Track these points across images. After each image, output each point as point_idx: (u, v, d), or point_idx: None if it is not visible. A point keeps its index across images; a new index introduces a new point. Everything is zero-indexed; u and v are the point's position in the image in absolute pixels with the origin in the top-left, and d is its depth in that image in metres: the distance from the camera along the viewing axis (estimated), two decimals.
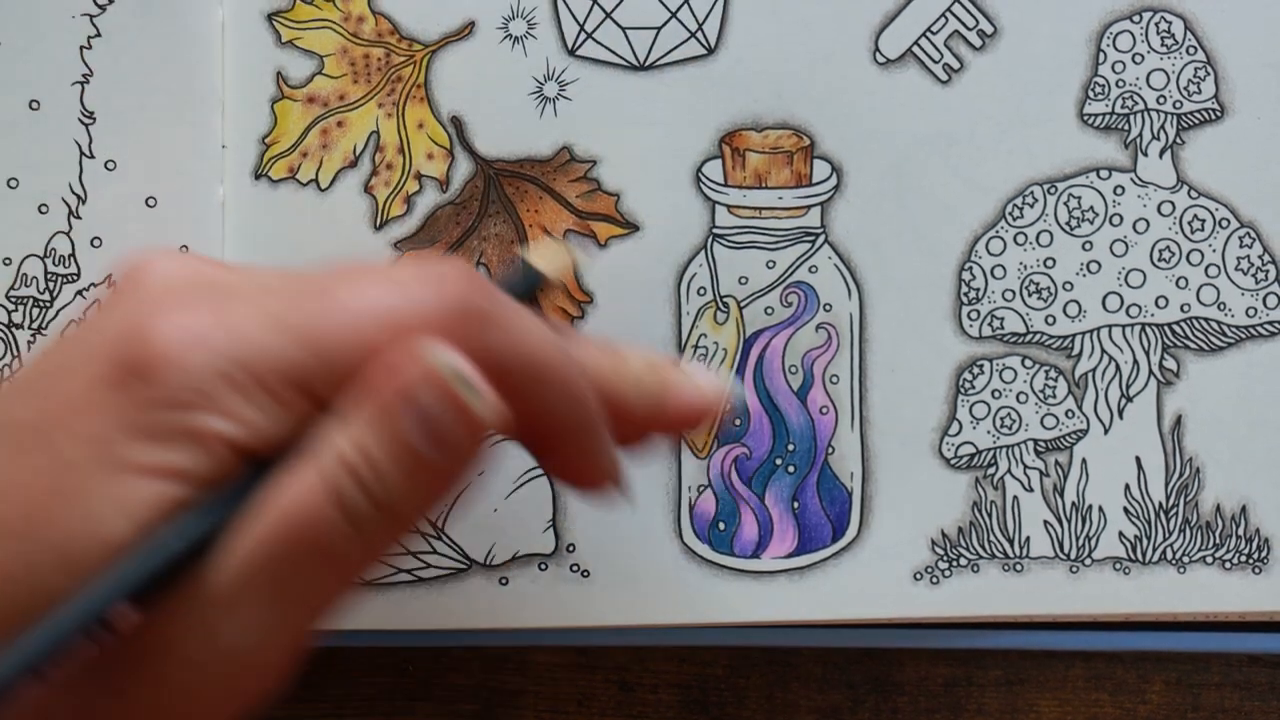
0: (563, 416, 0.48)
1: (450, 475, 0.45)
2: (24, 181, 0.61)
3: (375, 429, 0.44)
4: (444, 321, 0.45)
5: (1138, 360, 0.63)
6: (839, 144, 0.62)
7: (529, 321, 0.47)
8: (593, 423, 0.48)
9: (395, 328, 0.45)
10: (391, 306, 0.45)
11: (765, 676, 0.65)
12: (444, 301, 0.46)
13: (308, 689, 0.64)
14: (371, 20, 0.62)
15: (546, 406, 0.47)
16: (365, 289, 0.46)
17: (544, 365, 0.47)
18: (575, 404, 0.48)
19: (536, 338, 0.47)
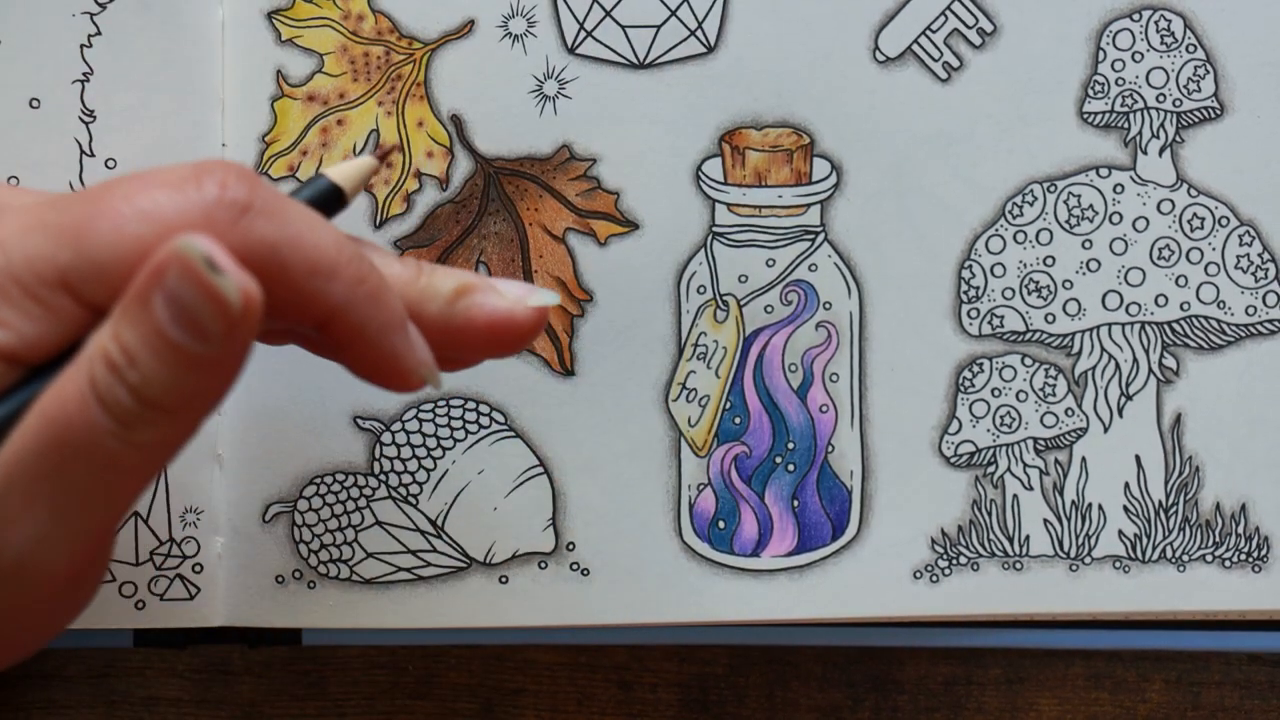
0: (356, 312, 0.47)
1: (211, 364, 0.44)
2: (24, 180, 0.61)
3: (130, 319, 0.44)
4: (208, 213, 0.45)
5: (1137, 358, 0.63)
6: (839, 142, 0.62)
7: (307, 217, 0.46)
8: (390, 318, 0.48)
9: (161, 224, 0.45)
10: (155, 204, 0.45)
11: (765, 675, 0.65)
12: (201, 192, 0.45)
13: (308, 687, 0.64)
14: (371, 18, 0.62)
15: (335, 301, 0.46)
16: (131, 189, 0.45)
17: (324, 258, 0.46)
18: (368, 299, 0.47)
19: (314, 231, 0.46)
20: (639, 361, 0.63)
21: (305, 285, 0.46)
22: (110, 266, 0.45)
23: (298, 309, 0.46)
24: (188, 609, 0.62)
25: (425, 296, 0.50)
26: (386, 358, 0.48)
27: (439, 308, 0.50)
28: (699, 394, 0.63)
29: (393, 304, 0.48)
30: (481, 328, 0.51)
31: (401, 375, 0.49)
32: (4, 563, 0.45)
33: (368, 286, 0.47)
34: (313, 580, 0.63)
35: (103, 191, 0.46)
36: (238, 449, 0.62)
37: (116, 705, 0.64)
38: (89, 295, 0.45)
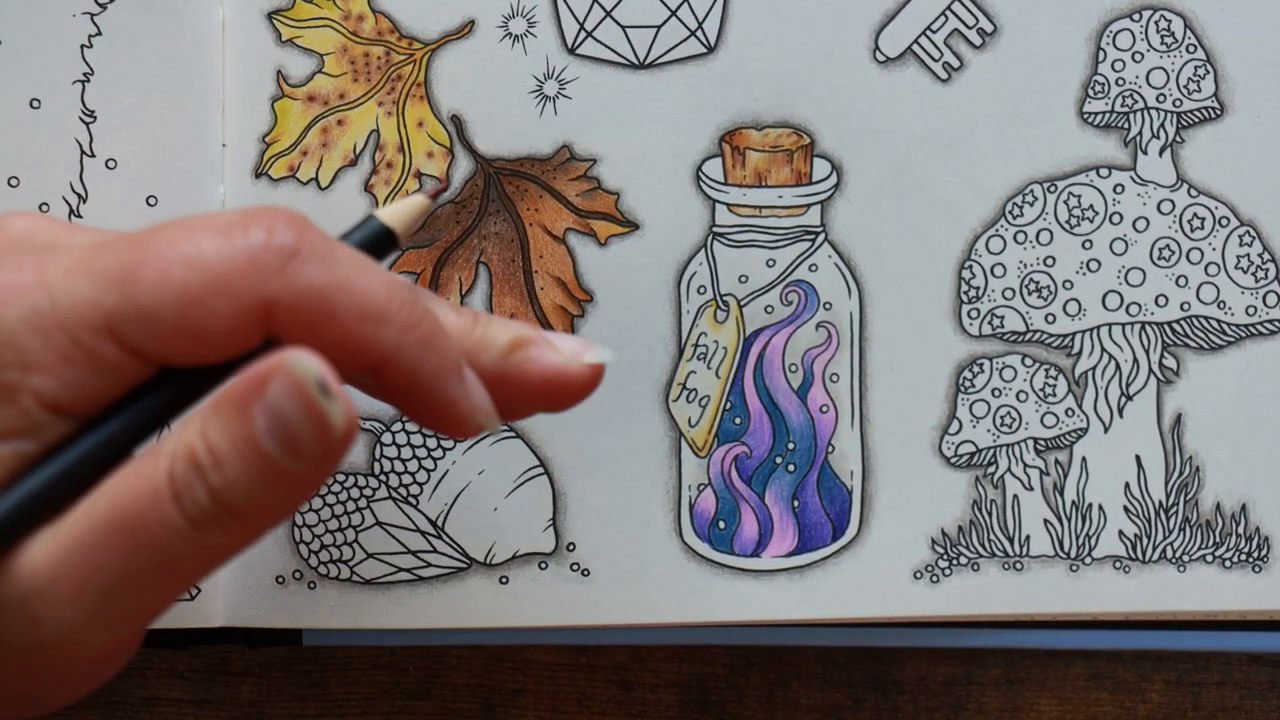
0: (409, 358, 0.46)
1: (298, 482, 0.44)
2: (25, 180, 0.61)
3: (223, 422, 0.44)
4: (254, 259, 0.44)
5: (1137, 359, 0.63)
6: (839, 142, 0.62)
7: (356, 261, 0.46)
8: (444, 363, 0.47)
9: (207, 270, 0.44)
10: (201, 251, 0.44)
11: (765, 675, 0.65)
12: (248, 240, 0.45)
13: (308, 688, 0.64)
14: (371, 19, 0.62)
15: (387, 347, 0.46)
16: (178, 236, 0.45)
17: (374, 303, 0.45)
18: (421, 344, 0.46)
19: (363, 275, 0.46)
20: (639, 361, 0.63)
21: (356, 331, 0.45)
22: (156, 313, 0.44)
23: (349, 355, 0.46)
24: (188, 609, 0.62)
25: (480, 347, 0.49)
26: (442, 403, 0.47)
27: (493, 360, 0.49)
28: (699, 394, 0.63)
29: (447, 349, 0.47)
30: (535, 382, 0.50)
31: (458, 421, 0.48)
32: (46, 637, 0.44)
33: (420, 331, 0.46)
34: (313, 580, 0.63)
35: (150, 236, 0.45)
36: None
37: (116, 705, 0.64)
38: (134, 342, 0.44)
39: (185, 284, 0.44)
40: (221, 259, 0.44)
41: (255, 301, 0.44)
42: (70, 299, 0.44)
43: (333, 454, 0.44)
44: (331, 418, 0.43)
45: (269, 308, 0.45)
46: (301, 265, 0.45)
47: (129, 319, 0.44)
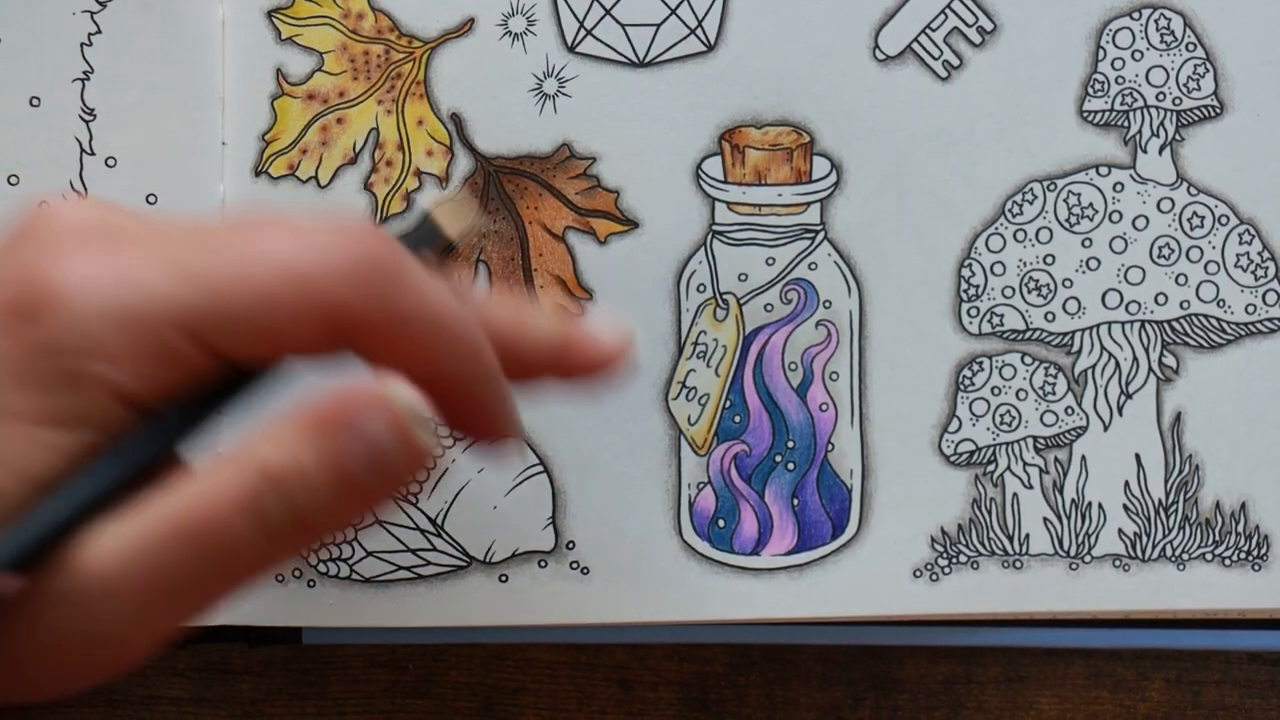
0: (464, 373, 0.47)
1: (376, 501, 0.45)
2: (25, 178, 0.61)
3: (314, 444, 0.44)
4: (346, 276, 0.45)
5: (1137, 357, 0.63)
6: (839, 141, 0.62)
7: (431, 280, 0.46)
8: (492, 379, 0.48)
9: (296, 279, 0.44)
10: (293, 257, 0.45)
11: (765, 674, 0.65)
12: (347, 256, 0.45)
13: (308, 686, 0.64)
14: (371, 17, 0.62)
15: (447, 363, 0.47)
16: (267, 239, 0.45)
17: (445, 324, 0.46)
18: (475, 361, 0.47)
19: (438, 297, 0.46)
20: (639, 360, 0.63)
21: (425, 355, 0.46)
22: (241, 317, 0.44)
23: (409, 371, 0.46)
24: None
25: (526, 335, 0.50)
26: (482, 414, 0.48)
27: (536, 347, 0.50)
28: (699, 392, 0.63)
29: (494, 366, 0.48)
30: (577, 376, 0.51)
31: (494, 429, 0.49)
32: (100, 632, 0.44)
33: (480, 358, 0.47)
34: (312, 579, 0.63)
35: (237, 237, 0.45)
36: None
37: (116, 705, 0.64)
38: (213, 342, 0.44)
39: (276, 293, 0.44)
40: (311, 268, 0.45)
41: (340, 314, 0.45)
42: (149, 293, 0.44)
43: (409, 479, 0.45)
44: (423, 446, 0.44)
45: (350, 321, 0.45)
46: (391, 287, 0.45)
47: (213, 320, 0.44)
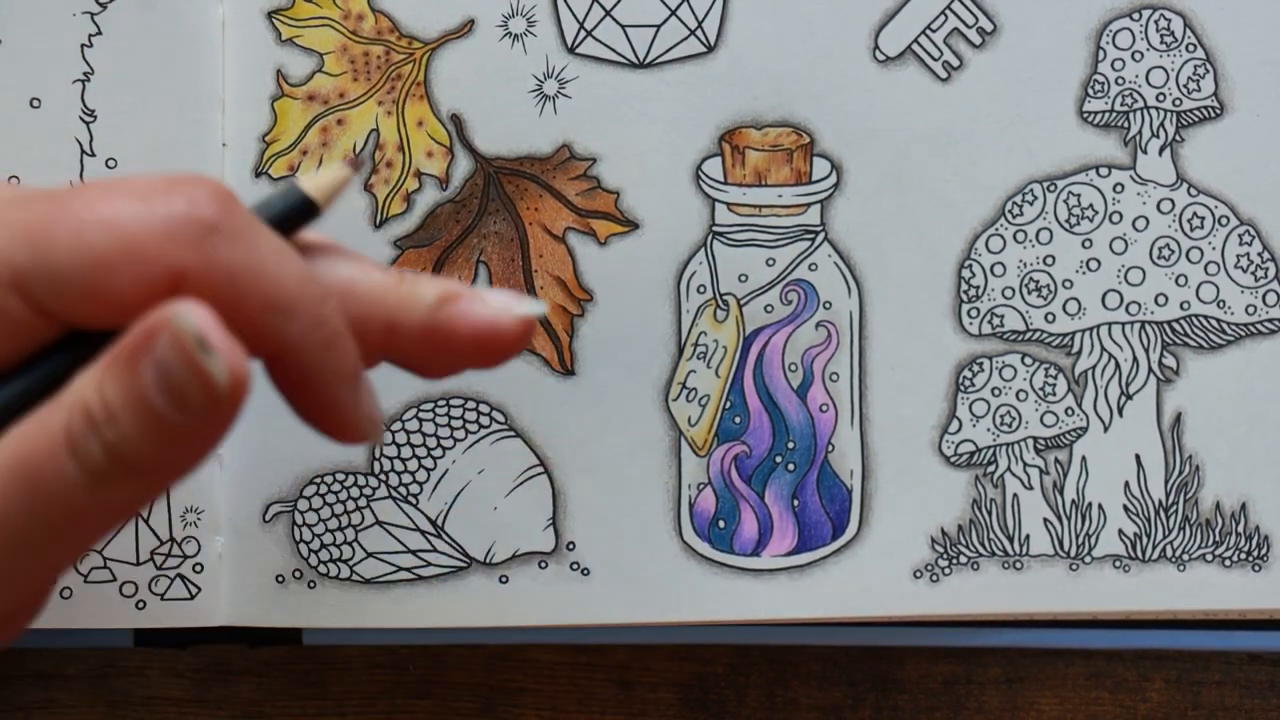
0: (308, 355, 0.45)
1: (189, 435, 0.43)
2: (25, 179, 0.61)
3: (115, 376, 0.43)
4: (170, 229, 0.44)
5: (1137, 358, 0.63)
6: (839, 142, 0.62)
7: (275, 248, 0.45)
8: (342, 366, 0.46)
9: (121, 234, 0.43)
10: (116, 214, 0.44)
11: (765, 674, 0.65)
12: (170, 210, 0.44)
13: (308, 687, 0.64)
14: (371, 18, 0.62)
15: (291, 343, 0.45)
16: (98, 198, 0.44)
17: (283, 294, 0.44)
18: (323, 344, 0.45)
19: (279, 264, 0.45)
20: (639, 361, 0.63)
21: (259, 318, 0.44)
22: (65, 273, 0.43)
23: (249, 340, 0.45)
24: (188, 609, 0.62)
25: (406, 304, 0.48)
26: (331, 406, 0.46)
27: (421, 315, 0.48)
28: (699, 393, 0.63)
29: (348, 352, 0.46)
30: (465, 336, 0.48)
31: (344, 427, 0.47)
32: None
33: (325, 331, 0.45)
34: (313, 580, 0.63)
35: (70, 195, 0.44)
36: (238, 449, 0.62)
37: (116, 705, 0.64)
38: (41, 299, 0.44)
39: (98, 246, 0.43)
40: (137, 225, 0.44)
41: (166, 271, 0.44)
42: None
43: (222, 410, 0.43)
44: (214, 375, 0.42)
45: (179, 279, 0.44)
46: (219, 242, 0.44)
47: (38, 277, 0.44)
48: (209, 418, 0.43)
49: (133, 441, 0.43)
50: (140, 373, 0.43)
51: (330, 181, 0.49)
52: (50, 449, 0.43)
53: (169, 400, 0.43)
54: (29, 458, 0.43)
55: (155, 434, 0.43)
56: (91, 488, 0.43)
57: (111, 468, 0.43)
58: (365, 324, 0.47)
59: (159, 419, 0.43)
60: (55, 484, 0.43)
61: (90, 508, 0.43)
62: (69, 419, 0.43)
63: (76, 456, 0.43)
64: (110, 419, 0.43)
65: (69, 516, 0.43)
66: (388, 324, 0.48)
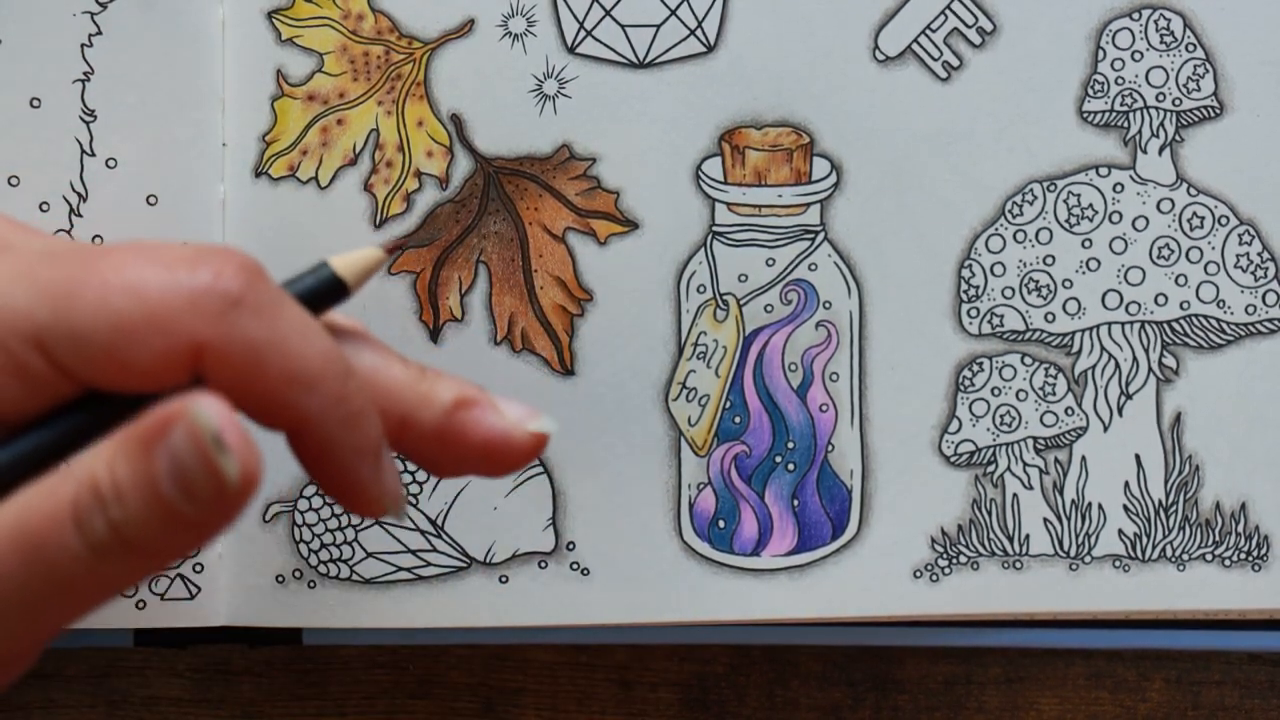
0: (329, 431, 0.46)
1: (196, 525, 0.44)
2: (25, 179, 0.61)
3: (130, 461, 0.43)
4: (195, 300, 0.44)
5: (1137, 358, 0.63)
6: (838, 141, 0.62)
7: (299, 322, 0.45)
8: (363, 443, 0.46)
9: (145, 302, 0.44)
10: (142, 281, 0.44)
11: (765, 674, 0.65)
12: (195, 281, 0.44)
13: (308, 687, 0.64)
14: (371, 18, 0.62)
15: (312, 418, 0.45)
16: (125, 262, 0.44)
17: (306, 369, 0.45)
18: (344, 421, 0.46)
19: (302, 339, 0.45)
20: (639, 361, 0.63)
21: (281, 393, 0.45)
22: (87, 335, 0.44)
23: (271, 414, 0.45)
24: (188, 608, 0.62)
25: (424, 402, 0.48)
26: (351, 481, 0.47)
27: (435, 416, 0.48)
28: (699, 393, 0.63)
29: (370, 429, 0.46)
30: (476, 444, 0.48)
31: (364, 502, 0.47)
32: None
33: (347, 407, 0.46)
34: (313, 580, 0.63)
35: (98, 256, 0.45)
36: None
37: (116, 705, 0.64)
38: (62, 359, 0.44)
39: (121, 313, 0.44)
40: (162, 294, 0.44)
41: (188, 342, 0.44)
42: (5, 305, 0.44)
43: (230, 505, 0.43)
44: (226, 473, 0.43)
45: (201, 350, 0.44)
46: (241, 316, 0.44)
47: (60, 337, 0.44)
48: (217, 510, 0.43)
49: (139, 523, 0.43)
50: (153, 459, 0.43)
51: (362, 263, 0.49)
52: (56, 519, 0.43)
53: (179, 490, 0.43)
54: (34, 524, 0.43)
55: (162, 519, 0.43)
56: (93, 561, 0.43)
57: (115, 545, 0.43)
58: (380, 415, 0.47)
59: (167, 506, 0.43)
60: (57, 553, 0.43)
61: (88, 579, 0.44)
62: (77, 492, 0.43)
63: (81, 530, 0.43)
64: (118, 498, 0.43)
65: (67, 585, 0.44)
66: (402, 419, 0.48)
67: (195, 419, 0.43)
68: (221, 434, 0.43)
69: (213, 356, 0.44)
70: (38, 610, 0.44)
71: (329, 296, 0.48)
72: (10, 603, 0.44)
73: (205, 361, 0.44)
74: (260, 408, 0.45)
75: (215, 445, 0.43)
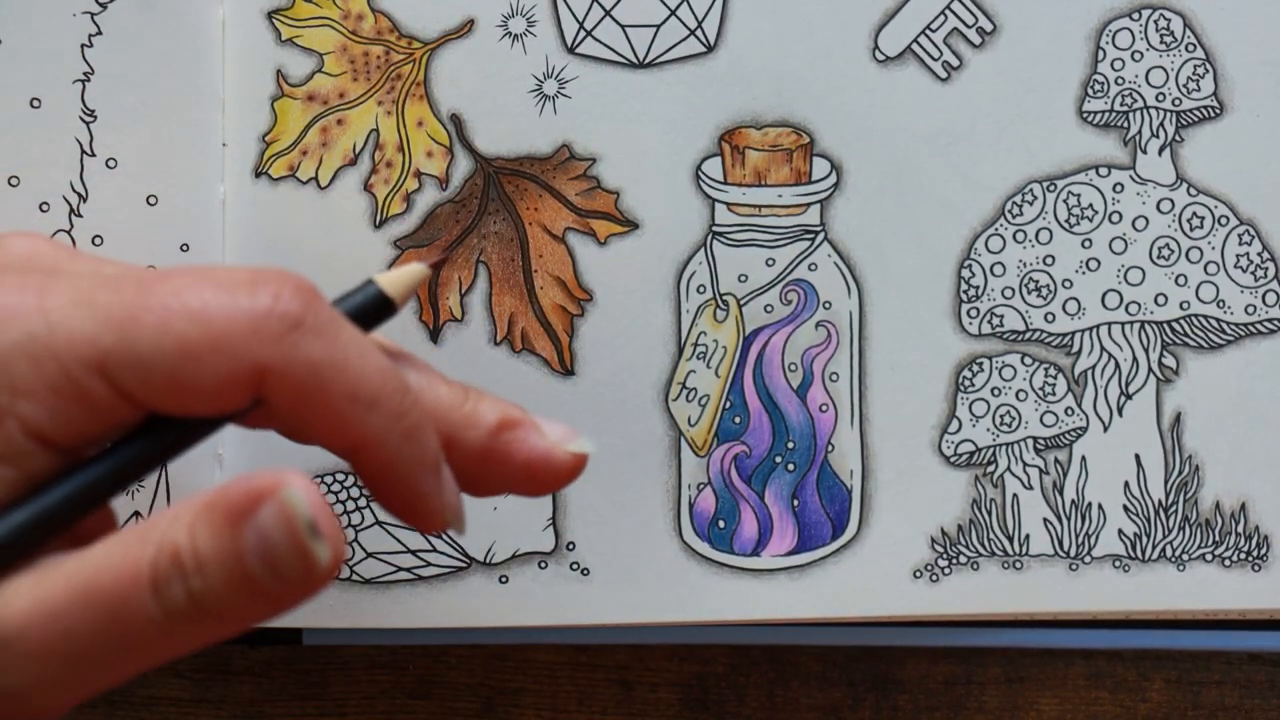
0: (391, 447, 0.47)
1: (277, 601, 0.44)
2: (25, 180, 0.61)
3: (213, 530, 0.44)
4: (257, 323, 0.45)
5: (1137, 358, 0.63)
6: (838, 141, 0.62)
7: (357, 342, 0.46)
8: (424, 457, 0.47)
9: (208, 326, 0.44)
10: (203, 305, 0.45)
11: (765, 674, 0.65)
12: (255, 304, 0.45)
13: (308, 687, 0.64)
14: (371, 18, 0.62)
15: (373, 436, 0.46)
16: (185, 285, 0.45)
17: (367, 387, 0.46)
18: (405, 436, 0.47)
19: (361, 358, 0.46)
20: (639, 361, 0.63)
21: (344, 411, 0.45)
22: (150, 360, 0.44)
23: (333, 433, 0.46)
24: None
25: (469, 423, 0.49)
26: (415, 496, 0.47)
27: (480, 437, 0.49)
28: (699, 393, 0.63)
29: (429, 443, 0.47)
30: (519, 464, 0.50)
31: (427, 516, 0.48)
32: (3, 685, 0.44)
33: (407, 422, 0.46)
34: None
35: (156, 281, 0.45)
36: (238, 449, 0.62)
37: (116, 705, 0.64)
38: (125, 384, 0.44)
39: (184, 337, 0.44)
40: (224, 318, 0.44)
41: (252, 365, 0.45)
42: (68, 331, 0.44)
43: (316, 584, 0.44)
44: (317, 557, 0.44)
45: (264, 372, 0.45)
46: (303, 338, 0.45)
47: (124, 362, 0.44)
48: (302, 589, 0.44)
49: (218, 595, 0.44)
50: (242, 535, 0.44)
51: (407, 279, 0.50)
52: (134, 581, 0.44)
53: (266, 568, 0.44)
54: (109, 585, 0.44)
55: (244, 593, 0.44)
56: (167, 625, 0.44)
57: (191, 612, 0.44)
58: None
59: (251, 581, 0.44)
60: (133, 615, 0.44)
61: (159, 642, 0.44)
62: (157, 557, 0.44)
63: (159, 595, 0.44)
64: (199, 569, 0.44)
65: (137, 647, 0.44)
66: (447, 439, 0.49)
67: (288, 501, 0.44)
68: (316, 521, 0.44)
69: (275, 378, 0.45)
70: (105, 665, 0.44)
71: (377, 314, 0.49)
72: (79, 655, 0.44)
73: (268, 383, 0.45)
74: (323, 427, 0.46)
75: (309, 531, 0.43)
